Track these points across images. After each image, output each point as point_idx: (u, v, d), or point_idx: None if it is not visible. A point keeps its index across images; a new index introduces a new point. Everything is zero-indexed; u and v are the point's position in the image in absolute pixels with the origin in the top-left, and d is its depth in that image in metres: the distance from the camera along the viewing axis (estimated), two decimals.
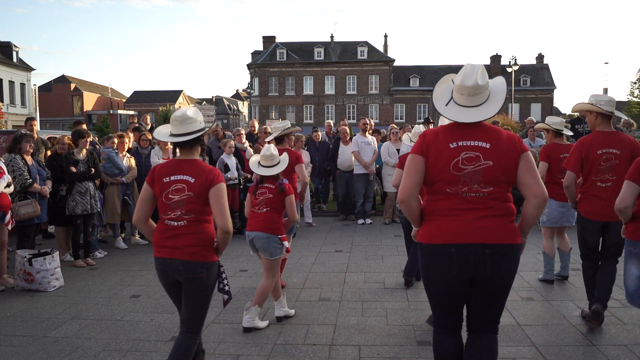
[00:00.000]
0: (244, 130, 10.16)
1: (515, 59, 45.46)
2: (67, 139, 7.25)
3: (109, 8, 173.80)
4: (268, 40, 53.46)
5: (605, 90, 36.07)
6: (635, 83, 38.20)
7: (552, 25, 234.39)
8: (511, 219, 2.59)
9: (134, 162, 7.98)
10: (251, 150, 8.81)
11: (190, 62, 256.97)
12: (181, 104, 62.38)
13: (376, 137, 10.24)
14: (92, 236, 7.03)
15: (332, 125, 12.23)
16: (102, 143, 8.43)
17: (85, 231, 6.73)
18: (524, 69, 48.84)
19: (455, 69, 4.69)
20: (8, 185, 5.55)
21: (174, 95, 64.18)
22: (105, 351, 3.95)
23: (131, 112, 40.74)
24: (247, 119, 60.88)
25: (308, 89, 51.48)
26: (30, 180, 6.12)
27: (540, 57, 52.53)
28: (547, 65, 51.94)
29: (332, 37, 52.54)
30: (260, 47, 55.33)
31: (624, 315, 4.49)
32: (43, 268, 5.50)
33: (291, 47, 52.04)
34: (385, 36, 53.55)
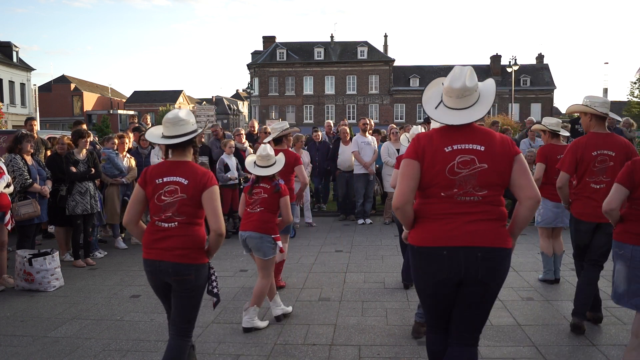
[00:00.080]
0: (244, 131, 10.17)
1: (515, 59, 45.45)
2: (67, 139, 7.25)
3: (109, 8, 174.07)
4: (268, 40, 53.47)
5: (605, 90, 36.09)
6: (635, 83, 38.18)
7: (552, 25, 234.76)
8: (503, 223, 2.59)
9: (134, 162, 8.00)
10: (251, 151, 8.82)
11: (190, 62, 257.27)
12: (181, 104, 62.43)
13: (376, 137, 10.24)
14: (92, 236, 7.03)
15: (332, 125, 12.22)
16: (102, 143, 8.43)
17: (85, 231, 6.73)
18: (524, 69, 48.81)
19: None
20: (8, 186, 5.55)
21: (174, 95, 64.20)
22: (105, 351, 3.95)
23: (131, 112, 40.73)
24: (247, 119, 60.90)
25: (308, 89, 51.48)
26: (30, 180, 6.12)
27: (540, 57, 52.51)
28: (547, 65, 51.90)
29: (332, 37, 52.58)
30: (260, 47, 55.44)
31: (624, 315, 4.49)
32: (43, 268, 5.51)
33: (291, 47, 52.04)
34: (385, 36, 53.64)
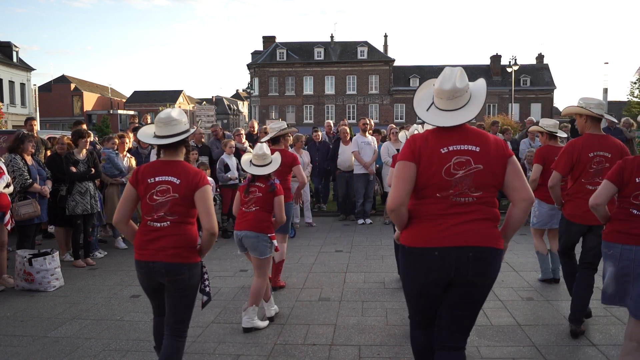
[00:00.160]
0: (244, 131, 10.18)
1: (515, 59, 45.43)
2: (67, 139, 7.26)
3: (109, 8, 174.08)
4: (268, 40, 53.45)
5: (605, 90, 35.94)
6: (635, 83, 38.20)
7: (552, 25, 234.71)
8: (495, 223, 2.59)
9: (134, 162, 7.99)
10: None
11: (190, 62, 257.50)
12: (181, 104, 62.41)
13: (376, 137, 10.24)
14: (92, 236, 7.03)
15: (332, 125, 12.22)
16: (102, 143, 8.43)
17: (85, 231, 6.73)
18: (524, 69, 48.79)
19: None
20: (7, 186, 5.55)
21: (174, 95, 64.18)
22: (105, 351, 3.95)
23: (131, 112, 40.73)
24: (247, 119, 60.88)
25: (308, 89, 51.47)
26: (30, 180, 6.12)
27: (540, 57, 52.45)
28: (547, 65, 51.87)
29: (332, 37, 52.54)
30: (260, 47, 55.42)
31: (624, 315, 4.48)
32: (43, 268, 5.51)
33: (291, 47, 52.03)
34: (385, 36, 53.59)
